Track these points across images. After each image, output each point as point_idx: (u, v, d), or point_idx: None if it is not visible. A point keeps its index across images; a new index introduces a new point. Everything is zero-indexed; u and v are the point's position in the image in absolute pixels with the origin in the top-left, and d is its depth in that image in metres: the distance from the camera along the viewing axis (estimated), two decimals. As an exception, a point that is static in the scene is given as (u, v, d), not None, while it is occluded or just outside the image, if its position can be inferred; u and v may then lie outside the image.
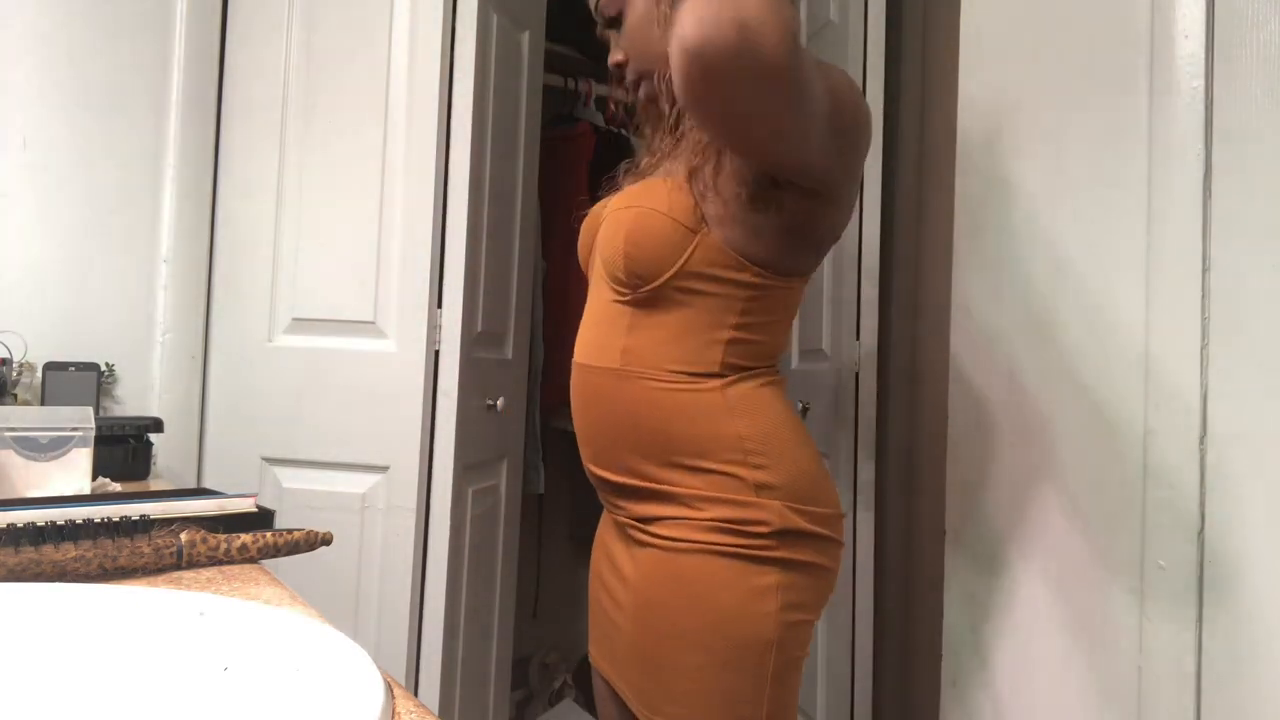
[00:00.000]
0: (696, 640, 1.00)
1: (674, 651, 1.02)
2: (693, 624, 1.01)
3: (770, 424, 1.05)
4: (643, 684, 1.05)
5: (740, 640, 0.99)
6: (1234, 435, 1.00)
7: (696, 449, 1.03)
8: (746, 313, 1.05)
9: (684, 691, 1.01)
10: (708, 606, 1.00)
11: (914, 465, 1.93)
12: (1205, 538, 1.01)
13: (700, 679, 1.00)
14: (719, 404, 1.04)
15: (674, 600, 1.02)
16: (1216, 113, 1.02)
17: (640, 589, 1.06)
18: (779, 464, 1.03)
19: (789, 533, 1.01)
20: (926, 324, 1.87)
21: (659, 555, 1.04)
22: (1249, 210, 1.00)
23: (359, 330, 1.75)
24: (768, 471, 1.02)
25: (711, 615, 1.00)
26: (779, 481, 1.02)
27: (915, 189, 1.94)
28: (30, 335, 1.62)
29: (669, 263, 1.03)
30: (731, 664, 0.99)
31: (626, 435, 1.07)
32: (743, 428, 1.03)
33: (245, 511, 1.04)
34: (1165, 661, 1.04)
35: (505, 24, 1.90)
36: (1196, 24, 1.04)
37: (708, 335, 1.05)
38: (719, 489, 1.02)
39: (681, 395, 1.04)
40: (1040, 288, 1.23)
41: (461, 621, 1.79)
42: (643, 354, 1.06)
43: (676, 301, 1.05)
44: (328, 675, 0.52)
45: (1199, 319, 1.02)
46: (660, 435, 1.05)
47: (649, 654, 1.04)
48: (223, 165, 1.84)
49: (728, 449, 1.03)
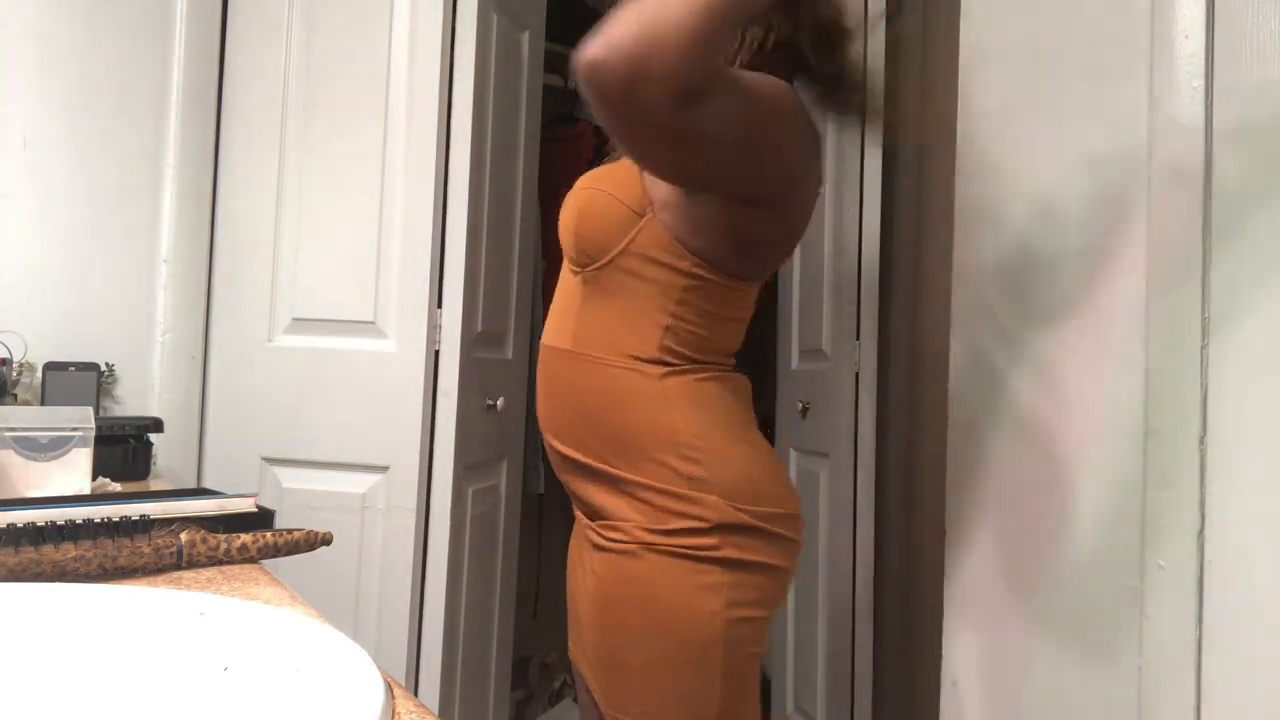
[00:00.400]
0: (647, 640, 1.03)
1: (628, 651, 1.04)
2: (643, 624, 1.03)
3: (708, 420, 1.06)
4: (604, 683, 1.07)
5: (688, 639, 1.01)
6: (1234, 435, 1.00)
7: (637, 436, 1.05)
8: (684, 302, 1.06)
9: (640, 690, 1.03)
10: (656, 606, 1.02)
11: (914, 465, 1.93)
12: (1205, 538, 1.01)
13: (654, 678, 1.02)
14: (657, 394, 1.06)
15: (626, 602, 1.04)
16: (1216, 113, 1.02)
17: (597, 591, 1.08)
18: (714, 460, 1.04)
19: (732, 528, 1.02)
20: (926, 324, 1.87)
21: (611, 559, 1.06)
22: (1249, 210, 1.00)
23: (359, 330, 1.75)
24: (702, 467, 1.03)
25: (660, 615, 1.02)
26: (714, 478, 1.03)
27: (915, 189, 1.94)
28: (30, 335, 1.62)
29: (614, 242, 1.07)
30: (682, 662, 1.01)
31: (578, 416, 1.10)
32: (678, 421, 1.04)
33: (245, 511, 1.04)
34: (1165, 661, 1.04)
35: (505, 24, 1.90)
36: (1196, 24, 1.04)
37: (649, 320, 1.07)
38: (657, 478, 1.04)
39: (623, 379, 1.06)
40: (1040, 287, 1.23)
41: (461, 621, 1.79)
42: (590, 335, 1.09)
43: (621, 284, 1.07)
44: (328, 675, 0.52)
45: (1199, 319, 1.02)
46: (607, 416, 1.07)
47: (607, 654, 1.06)
48: (223, 165, 1.84)
49: (663, 441, 1.04)
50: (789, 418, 2.32)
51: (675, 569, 1.02)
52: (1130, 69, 1.11)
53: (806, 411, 2.18)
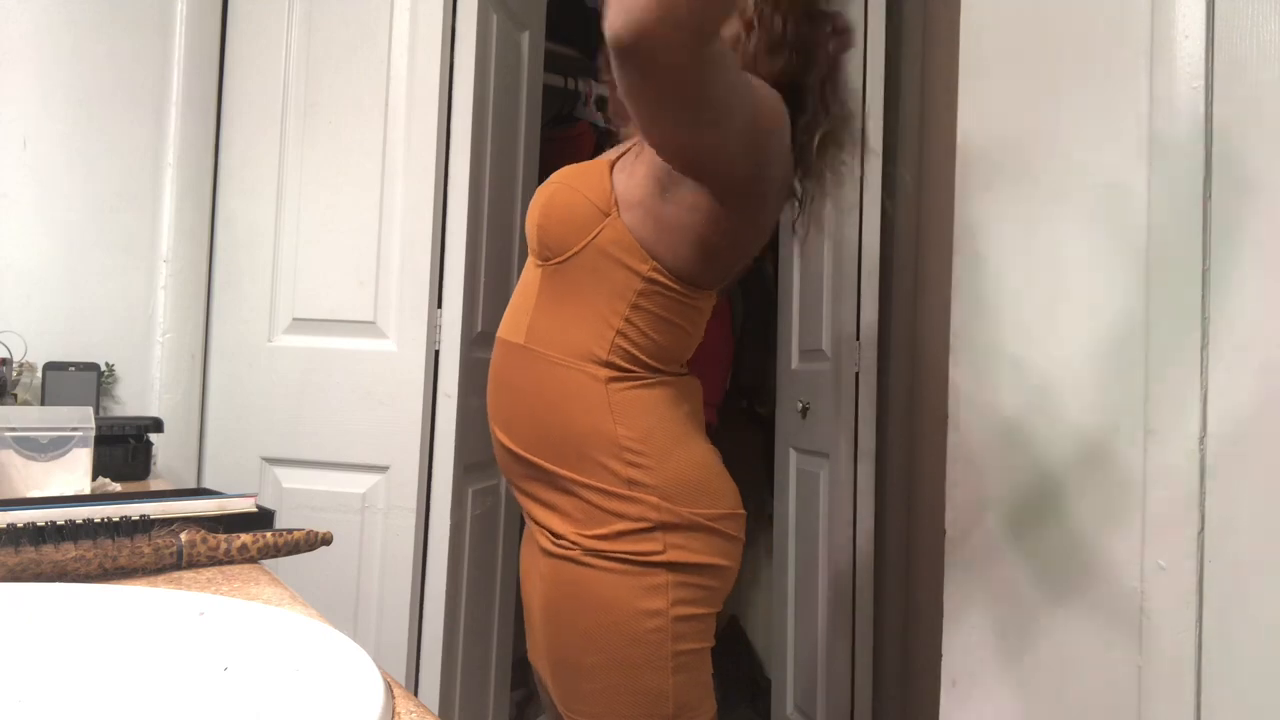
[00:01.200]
0: (597, 642, 1.04)
1: (580, 653, 1.05)
2: (591, 626, 1.04)
3: (652, 424, 1.07)
4: (560, 686, 1.08)
5: (635, 638, 1.02)
6: (1234, 435, 1.00)
7: (579, 437, 1.06)
8: (639, 307, 1.07)
9: (594, 692, 1.05)
10: (603, 608, 1.03)
11: (914, 465, 1.93)
12: (1205, 538, 1.01)
13: (607, 679, 1.04)
14: (602, 399, 1.06)
15: (574, 606, 1.06)
16: (1216, 112, 1.02)
17: (545, 596, 1.09)
18: (656, 464, 1.05)
19: (672, 528, 1.04)
20: (926, 325, 1.87)
21: (557, 564, 1.07)
22: (1249, 210, 1.00)
23: (359, 330, 1.75)
24: (643, 471, 1.04)
25: (607, 617, 1.03)
26: (654, 481, 1.04)
27: (915, 189, 1.94)
28: (30, 335, 1.62)
29: (576, 239, 1.07)
30: (633, 663, 1.03)
31: (525, 412, 1.10)
32: (620, 428, 1.05)
33: (245, 511, 1.04)
34: (1165, 661, 1.04)
35: (505, 24, 1.90)
36: (1196, 24, 1.04)
37: (602, 321, 1.07)
38: (597, 479, 1.05)
39: (571, 380, 1.07)
40: (1041, 287, 1.23)
41: (461, 621, 1.79)
42: (544, 332, 1.10)
43: (579, 281, 1.08)
44: (328, 675, 0.52)
45: (1199, 319, 1.02)
46: (553, 414, 1.08)
47: (559, 657, 1.08)
48: (223, 165, 1.84)
49: (604, 444, 1.05)
50: (789, 418, 2.32)
51: (621, 573, 1.03)
52: (1130, 69, 1.11)
53: (806, 411, 2.18)
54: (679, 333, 1.11)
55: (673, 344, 1.11)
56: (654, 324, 1.08)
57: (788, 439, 2.34)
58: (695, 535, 1.05)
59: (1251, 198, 1.00)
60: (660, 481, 1.04)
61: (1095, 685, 1.13)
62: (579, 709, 1.06)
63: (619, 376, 1.07)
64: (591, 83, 2.61)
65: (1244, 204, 1.01)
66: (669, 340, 1.10)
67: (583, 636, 1.05)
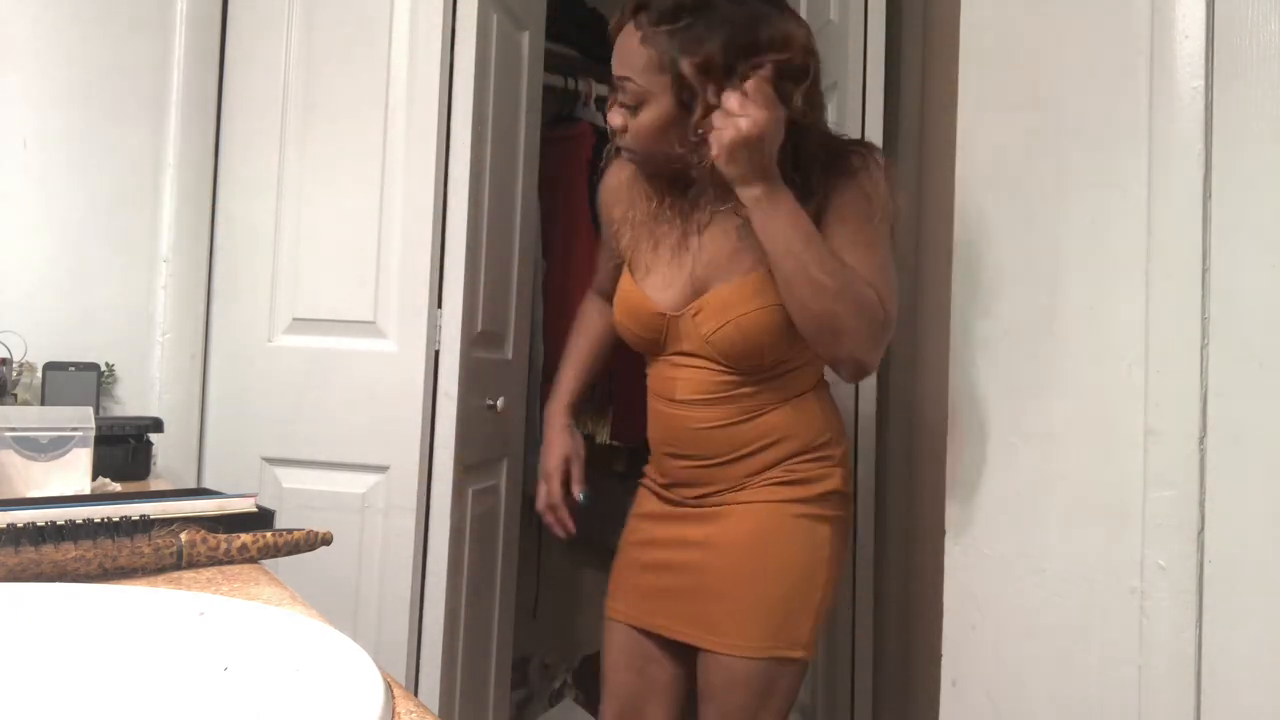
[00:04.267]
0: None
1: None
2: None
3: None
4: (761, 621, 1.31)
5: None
6: (1234, 435, 1.00)
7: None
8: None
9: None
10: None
11: (914, 465, 1.93)
12: (1205, 538, 1.01)
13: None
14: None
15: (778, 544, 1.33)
16: (1216, 113, 1.02)
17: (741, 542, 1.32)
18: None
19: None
20: (926, 324, 1.87)
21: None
22: (1249, 210, 1.00)
23: (359, 330, 1.75)
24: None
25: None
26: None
27: (915, 189, 1.94)
28: (30, 335, 1.62)
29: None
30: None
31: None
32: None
33: (245, 511, 1.04)
34: (1165, 661, 1.04)
35: (505, 24, 1.90)
36: (1196, 24, 1.04)
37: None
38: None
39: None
40: (1040, 287, 1.23)
41: (461, 621, 1.79)
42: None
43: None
44: (328, 675, 0.52)
45: (1199, 319, 1.02)
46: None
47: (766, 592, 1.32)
48: (223, 165, 1.84)
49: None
50: (789, 418, 2.31)
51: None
52: (1130, 69, 1.11)
53: (806, 411, 2.17)
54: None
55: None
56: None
57: (788, 439, 2.33)
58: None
59: (1251, 198, 1.00)
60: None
61: (1095, 685, 1.13)
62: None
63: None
64: (591, 82, 2.61)
65: (1244, 204, 1.01)
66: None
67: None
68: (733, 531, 1.32)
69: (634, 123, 1.24)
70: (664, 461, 1.38)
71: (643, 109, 1.22)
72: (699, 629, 1.33)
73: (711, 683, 1.33)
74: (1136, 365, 1.08)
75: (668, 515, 1.39)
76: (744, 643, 1.29)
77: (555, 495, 1.47)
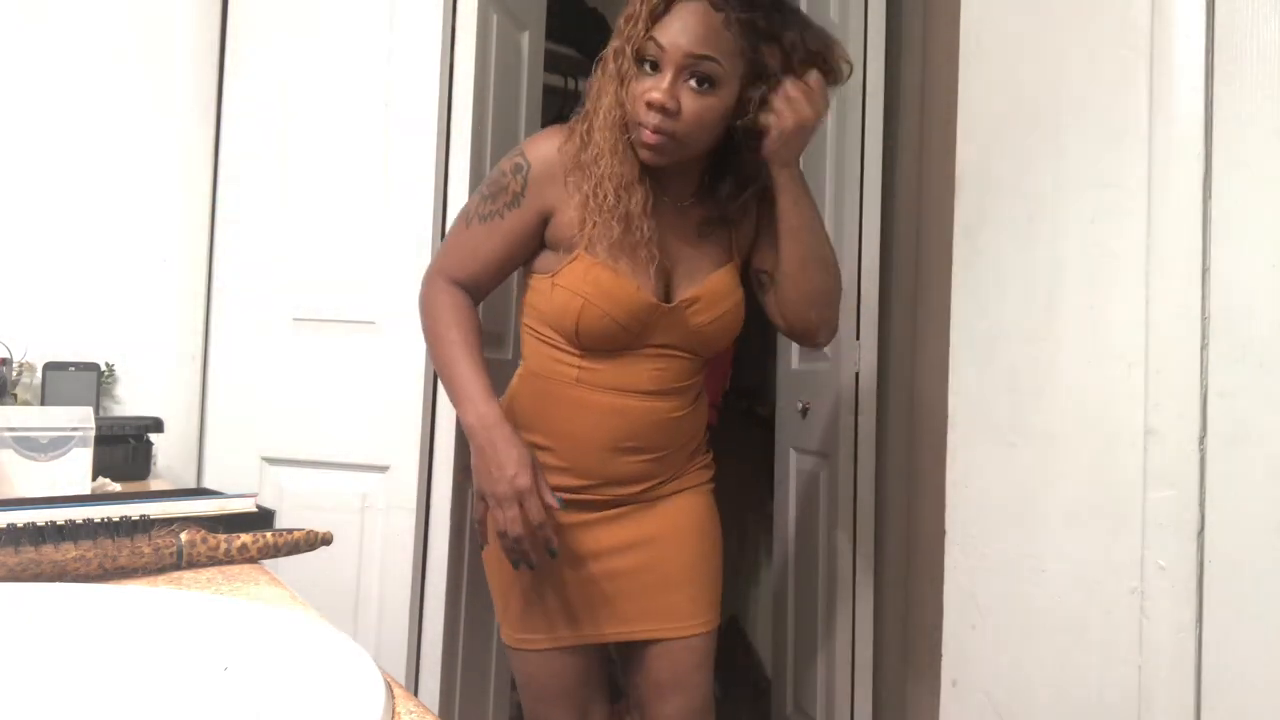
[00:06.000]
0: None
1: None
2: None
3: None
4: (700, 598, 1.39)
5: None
6: (1234, 435, 1.00)
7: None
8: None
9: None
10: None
11: (914, 465, 1.93)
12: (1205, 538, 1.01)
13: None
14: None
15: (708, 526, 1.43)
16: (1216, 113, 1.02)
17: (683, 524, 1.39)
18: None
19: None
20: (926, 324, 1.87)
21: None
22: (1249, 210, 1.00)
23: (359, 330, 1.75)
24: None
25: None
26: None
27: (915, 189, 1.94)
28: (30, 335, 1.62)
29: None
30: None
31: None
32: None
33: (245, 511, 1.04)
34: (1165, 661, 1.04)
35: (505, 24, 1.90)
36: (1196, 24, 1.04)
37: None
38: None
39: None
40: (1040, 287, 1.23)
41: (461, 621, 1.79)
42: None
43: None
44: (328, 675, 0.52)
45: (1199, 319, 1.02)
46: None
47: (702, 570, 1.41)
48: (223, 165, 1.84)
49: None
50: (789, 418, 2.32)
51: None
52: (1130, 69, 1.11)
53: (806, 411, 2.18)
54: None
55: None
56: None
57: (788, 439, 2.34)
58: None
59: (1252, 198, 1.00)
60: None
61: (1095, 685, 1.13)
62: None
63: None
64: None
65: (1244, 204, 1.01)
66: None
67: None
68: (681, 520, 1.38)
69: (699, 104, 1.19)
70: (606, 461, 1.32)
71: (716, 91, 1.19)
72: (660, 621, 1.36)
73: (679, 669, 1.36)
74: (1136, 365, 1.08)
75: (600, 521, 1.35)
76: (704, 619, 1.38)
77: (540, 512, 1.23)
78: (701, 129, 1.21)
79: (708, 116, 1.20)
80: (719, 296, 1.32)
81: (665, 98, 1.17)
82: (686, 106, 1.19)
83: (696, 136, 1.22)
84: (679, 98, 1.18)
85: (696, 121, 1.20)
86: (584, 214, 1.26)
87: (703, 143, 1.24)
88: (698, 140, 1.23)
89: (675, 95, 1.18)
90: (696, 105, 1.19)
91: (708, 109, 1.20)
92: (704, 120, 1.21)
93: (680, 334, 1.31)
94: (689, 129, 1.20)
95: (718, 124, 1.22)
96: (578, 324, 1.28)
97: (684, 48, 1.17)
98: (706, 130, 1.22)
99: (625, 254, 1.26)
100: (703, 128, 1.21)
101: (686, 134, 1.21)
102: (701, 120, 1.20)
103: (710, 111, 1.20)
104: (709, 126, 1.22)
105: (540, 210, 1.30)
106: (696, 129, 1.21)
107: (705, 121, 1.21)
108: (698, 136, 1.22)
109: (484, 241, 1.33)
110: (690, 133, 1.21)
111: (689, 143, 1.22)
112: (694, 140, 1.22)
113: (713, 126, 1.22)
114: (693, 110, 1.19)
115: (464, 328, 1.33)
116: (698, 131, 1.21)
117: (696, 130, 1.21)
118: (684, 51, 1.17)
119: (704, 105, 1.19)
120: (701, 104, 1.19)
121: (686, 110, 1.19)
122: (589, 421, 1.31)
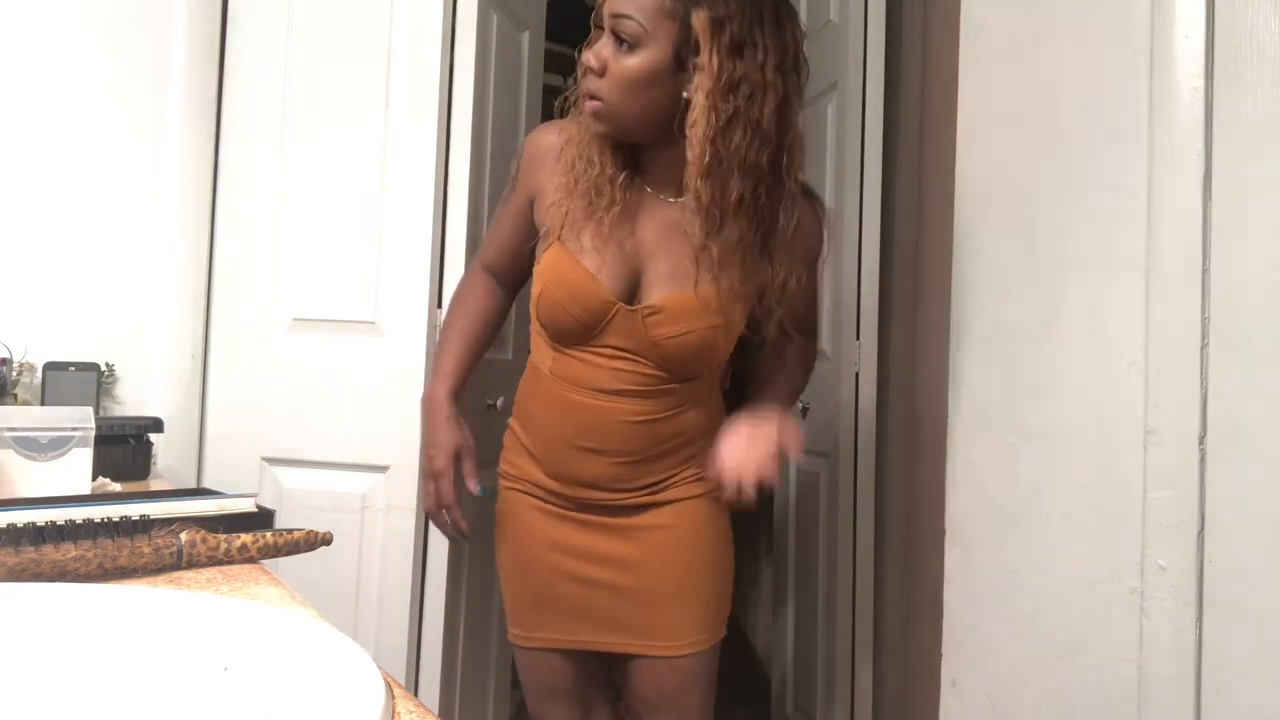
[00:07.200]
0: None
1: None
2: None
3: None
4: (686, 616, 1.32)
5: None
6: (1234, 435, 1.00)
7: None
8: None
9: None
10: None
11: (914, 465, 1.93)
12: (1205, 538, 1.02)
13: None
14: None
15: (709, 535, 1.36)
16: (1216, 113, 1.02)
17: (671, 538, 1.32)
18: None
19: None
20: (926, 324, 1.87)
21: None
22: (1249, 210, 1.00)
23: (359, 330, 1.75)
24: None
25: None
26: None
27: (915, 189, 1.94)
28: (30, 335, 1.62)
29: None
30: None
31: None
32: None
33: (245, 511, 1.04)
34: (1165, 661, 1.04)
35: (505, 24, 1.90)
36: (1196, 24, 1.04)
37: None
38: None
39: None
40: (1040, 287, 1.23)
41: (461, 622, 1.79)
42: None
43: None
44: (328, 675, 0.52)
45: (1199, 319, 1.02)
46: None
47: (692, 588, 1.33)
48: (223, 165, 1.84)
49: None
50: (789, 418, 2.31)
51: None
52: (1130, 69, 1.11)
53: (806, 411, 2.18)
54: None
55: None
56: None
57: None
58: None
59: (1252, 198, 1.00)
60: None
61: (1095, 685, 1.13)
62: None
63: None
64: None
65: (1244, 204, 1.01)
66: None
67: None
68: (668, 541, 1.30)
69: (620, 64, 1.16)
70: (569, 459, 1.28)
71: (636, 51, 1.15)
72: (641, 639, 1.30)
73: (663, 688, 1.31)
74: (1136, 365, 1.08)
75: (573, 522, 1.31)
76: (694, 639, 1.31)
77: (448, 495, 1.32)
78: (625, 90, 1.16)
79: (627, 76, 1.15)
80: (685, 314, 1.22)
81: (590, 57, 1.17)
82: (611, 68, 1.16)
83: (625, 100, 1.17)
84: (605, 60, 1.17)
85: (618, 82, 1.16)
86: (562, 196, 1.26)
87: (634, 108, 1.17)
88: (628, 104, 1.17)
89: (601, 56, 1.17)
90: (616, 65, 1.16)
91: (627, 69, 1.15)
92: (625, 80, 1.16)
93: (638, 341, 1.23)
94: (611, 90, 1.17)
95: (647, 88, 1.16)
96: (538, 312, 1.27)
97: (609, 7, 1.17)
98: (633, 93, 1.16)
99: (599, 246, 1.23)
100: (627, 89, 1.16)
101: (611, 95, 1.17)
102: (623, 80, 1.16)
103: (630, 71, 1.15)
104: (634, 88, 1.16)
105: (528, 193, 1.32)
106: (620, 90, 1.17)
107: (627, 82, 1.16)
108: (626, 101, 1.17)
109: (498, 226, 1.41)
110: (614, 95, 1.17)
111: (619, 106, 1.18)
112: (624, 104, 1.17)
113: (639, 89, 1.16)
114: (614, 71, 1.16)
115: (469, 312, 1.41)
116: (622, 94, 1.17)
117: (620, 93, 1.17)
118: (609, 11, 1.17)
119: (623, 65, 1.15)
120: (621, 64, 1.16)
121: (610, 71, 1.16)
122: (554, 415, 1.29)
